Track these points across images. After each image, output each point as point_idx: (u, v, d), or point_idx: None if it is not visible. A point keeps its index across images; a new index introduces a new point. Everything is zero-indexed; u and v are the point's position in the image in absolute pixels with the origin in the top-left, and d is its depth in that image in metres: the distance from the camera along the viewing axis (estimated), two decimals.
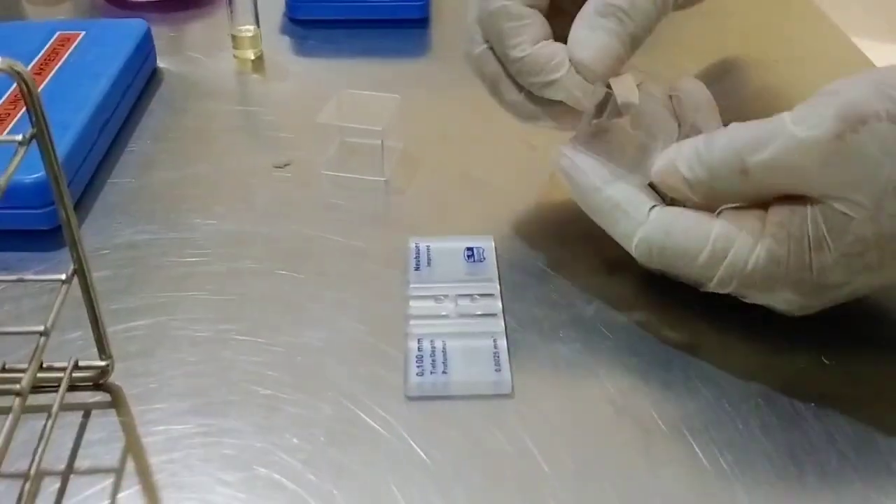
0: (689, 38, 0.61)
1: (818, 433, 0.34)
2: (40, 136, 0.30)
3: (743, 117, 0.35)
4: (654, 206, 0.37)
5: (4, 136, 0.35)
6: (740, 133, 0.34)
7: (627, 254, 0.38)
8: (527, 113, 0.41)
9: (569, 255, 0.43)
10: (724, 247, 0.34)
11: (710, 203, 0.36)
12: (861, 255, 0.33)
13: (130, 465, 0.33)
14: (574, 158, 0.39)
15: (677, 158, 0.35)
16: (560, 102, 0.40)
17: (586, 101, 0.39)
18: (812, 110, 0.32)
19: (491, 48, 0.41)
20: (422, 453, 0.34)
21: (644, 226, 0.36)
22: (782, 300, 0.35)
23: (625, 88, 0.38)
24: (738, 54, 0.60)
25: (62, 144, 0.45)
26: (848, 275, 0.33)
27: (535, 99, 0.41)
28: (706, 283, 0.36)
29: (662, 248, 0.36)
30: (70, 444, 0.34)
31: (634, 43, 0.38)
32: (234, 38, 0.60)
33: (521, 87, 0.41)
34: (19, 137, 0.30)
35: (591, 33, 0.38)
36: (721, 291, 0.36)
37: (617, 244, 0.39)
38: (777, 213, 0.34)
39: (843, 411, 0.35)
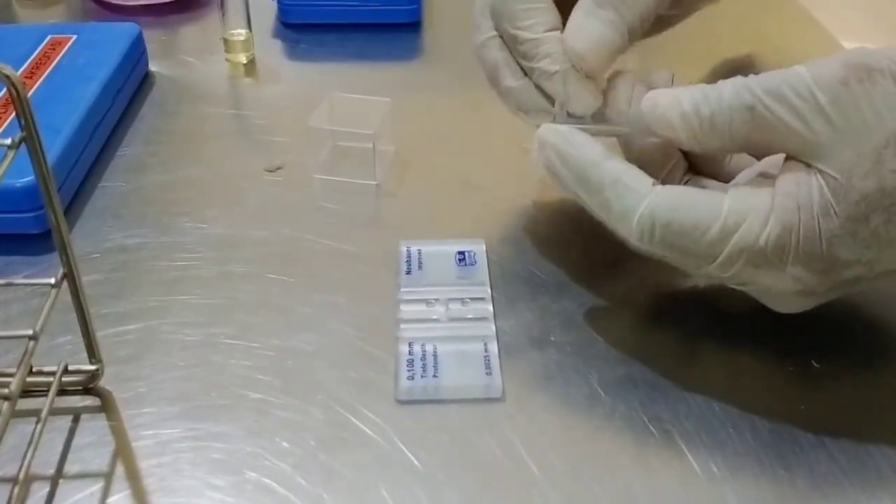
0: (678, 43, 0.61)
1: (808, 437, 0.34)
2: (30, 139, 0.30)
3: None
4: (656, 182, 0.35)
5: None
6: (751, 76, 0.34)
7: (619, 257, 0.38)
8: (522, 100, 0.41)
9: (560, 260, 0.43)
10: (735, 221, 0.33)
11: (696, 147, 0.35)
12: (867, 219, 0.32)
13: (120, 470, 0.33)
14: (566, 134, 0.37)
15: (680, 93, 0.35)
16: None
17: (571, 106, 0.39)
18: (822, 60, 0.33)
19: (499, 36, 0.41)
20: (412, 457, 0.34)
21: (648, 199, 0.34)
22: (791, 278, 0.34)
23: (619, 98, 0.38)
24: (728, 58, 0.60)
25: (53, 148, 0.45)
26: (856, 248, 0.33)
27: (534, 88, 0.40)
28: (708, 263, 0.34)
29: (668, 224, 0.34)
30: (59, 449, 0.34)
31: (632, 34, 0.38)
32: (226, 41, 0.60)
33: (522, 74, 0.41)
34: (8, 141, 0.29)
35: (587, 22, 0.38)
36: (723, 274, 0.35)
37: (609, 248, 0.38)
38: (784, 185, 0.33)
39: (833, 415, 0.35)
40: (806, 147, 0.33)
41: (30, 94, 0.50)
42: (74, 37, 0.56)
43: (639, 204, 0.34)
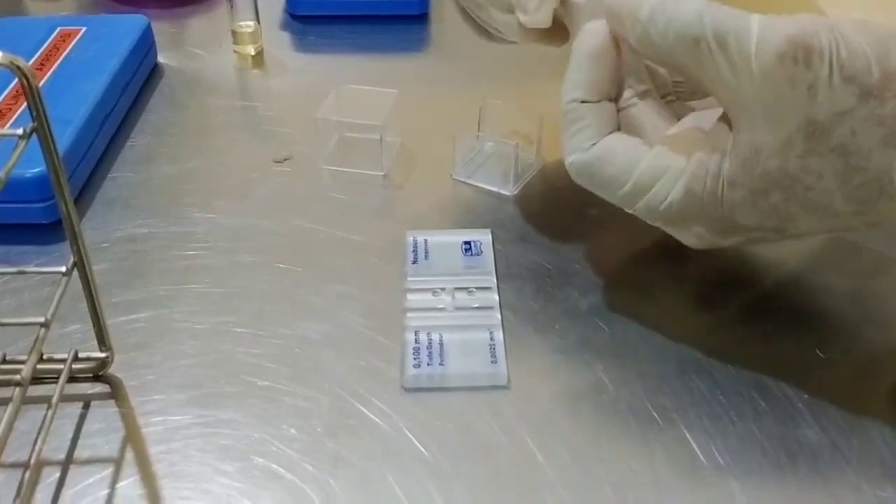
0: None
1: (812, 425, 0.35)
2: (40, 130, 0.30)
3: None
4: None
5: (5, 130, 0.35)
6: (715, 4, 0.33)
7: (624, 246, 0.38)
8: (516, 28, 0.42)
9: (565, 249, 0.43)
10: (647, 182, 0.35)
11: (640, 52, 0.35)
12: (766, 194, 0.33)
13: (129, 455, 0.33)
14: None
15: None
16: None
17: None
18: (776, 21, 0.32)
19: None
20: (418, 444, 0.34)
21: (579, 152, 0.36)
22: (693, 235, 0.36)
23: None
24: None
25: (63, 139, 0.46)
26: (756, 216, 0.34)
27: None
28: (628, 209, 0.37)
29: (591, 176, 0.36)
30: (70, 435, 0.34)
31: None
32: (234, 33, 0.60)
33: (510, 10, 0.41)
34: (20, 131, 0.30)
35: None
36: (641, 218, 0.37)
37: (615, 237, 0.39)
38: (702, 149, 0.34)
39: (836, 404, 0.35)
40: (731, 105, 0.33)
41: (40, 85, 0.50)
42: (84, 29, 0.56)
43: (573, 155, 0.37)
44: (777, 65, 0.31)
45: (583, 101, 0.36)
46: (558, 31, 0.41)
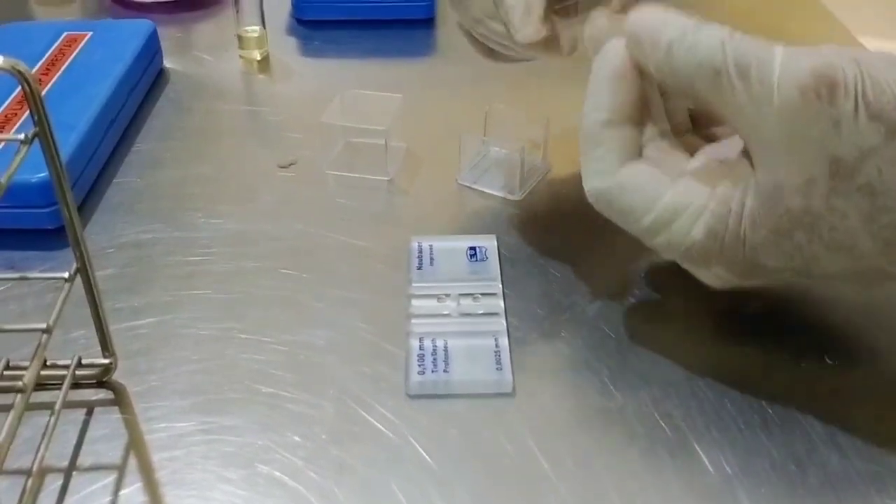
0: None
1: (820, 434, 0.34)
2: (42, 135, 0.30)
3: None
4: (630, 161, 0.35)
5: (6, 135, 0.35)
6: (737, 34, 0.32)
7: (629, 253, 0.38)
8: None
9: (571, 255, 0.43)
10: (669, 218, 0.34)
11: (658, 78, 0.34)
12: (790, 235, 0.32)
13: (132, 463, 0.33)
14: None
15: (667, 21, 0.33)
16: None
17: None
18: (799, 53, 0.31)
19: None
20: (423, 451, 0.34)
21: (603, 176, 0.35)
22: (713, 276, 0.35)
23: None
24: None
25: (68, 144, 0.46)
26: (780, 257, 0.33)
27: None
28: (647, 243, 0.35)
29: (610, 204, 0.35)
30: (73, 441, 0.34)
31: None
32: (240, 38, 0.60)
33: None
34: (21, 136, 0.30)
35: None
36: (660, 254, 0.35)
37: (620, 244, 0.38)
38: (724, 186, 0.33)
39: (845, 412, 0.35)
40: (752, 140, 0.32)
41: (45, 90, 0.50)
42: (90, 34, 0.56)
43: (593, 180, 0.35)
44: (800, 99, 0.30)
45: (604, 124, 0.35)
46: (555, 42, 0.40)
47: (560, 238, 0.44)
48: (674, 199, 0.34)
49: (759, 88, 0.31)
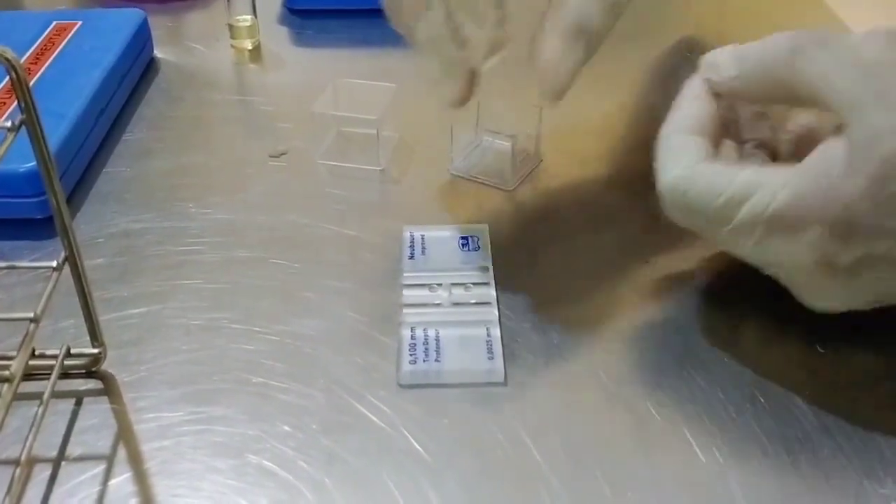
0: (688, 31, 0.61)
1: (812, 422, 0.34)
2: (30, 123, 0.30)
3: None
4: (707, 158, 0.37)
5: None
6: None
7: (622, 244, 0.38)
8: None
9: (563, 245, 0.43)
10: (748, 189, 0.34)
11: (738, 91, 0.37)
12: (885, 181, 0.32)
13: (122, 453, 0.33)
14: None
15: (733, 47, 0.37)
16: None
17: None
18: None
19: None
20: (414, 441, 0.34)
21: (678, 169, 0.36)
22: (807, 245, 0.34)
23: None
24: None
25: (57, 133, 0.45)
26: (877, 213, 0.32)
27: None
28: (723, 226, 0.35)
29: (685, 192, 0.35)
30: (62, 431, 0.34)
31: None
32: (231, 27, 0.60)
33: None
34: (8, 124, 0.29)
35: (561, 56, 0.40)
36: (739, 239, 0.35)
37: (613, 232, 0.38)
38: (809, 159, 0.34)
39: (837, 400, 0.35)
40: (841, 104, 0.33)
41: (35, 79, 0.50)
42: (80, 23, 0.56)
43: (670, 172, 0.36)
44: (886, 44, 0.32)
45: (683, 131, 0.37)
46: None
47: (552, 228, 0.44)
48: (752, 175, 0.34)
49: (842, 51, 0.33)
